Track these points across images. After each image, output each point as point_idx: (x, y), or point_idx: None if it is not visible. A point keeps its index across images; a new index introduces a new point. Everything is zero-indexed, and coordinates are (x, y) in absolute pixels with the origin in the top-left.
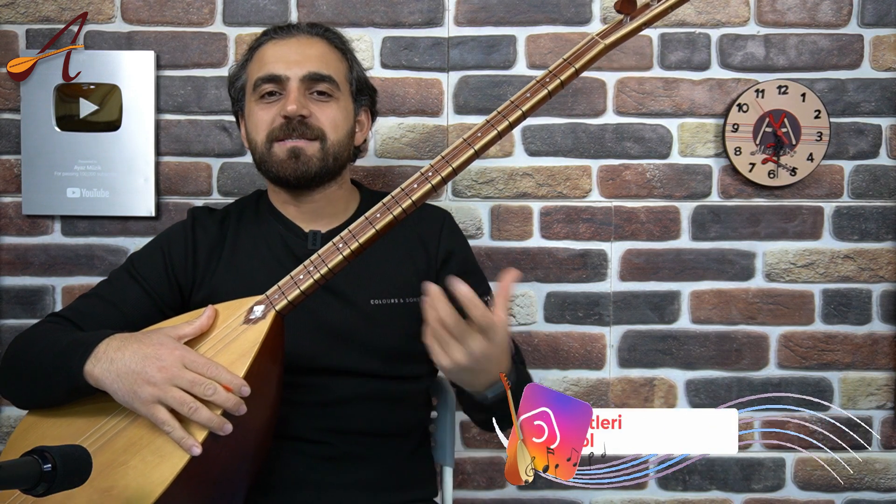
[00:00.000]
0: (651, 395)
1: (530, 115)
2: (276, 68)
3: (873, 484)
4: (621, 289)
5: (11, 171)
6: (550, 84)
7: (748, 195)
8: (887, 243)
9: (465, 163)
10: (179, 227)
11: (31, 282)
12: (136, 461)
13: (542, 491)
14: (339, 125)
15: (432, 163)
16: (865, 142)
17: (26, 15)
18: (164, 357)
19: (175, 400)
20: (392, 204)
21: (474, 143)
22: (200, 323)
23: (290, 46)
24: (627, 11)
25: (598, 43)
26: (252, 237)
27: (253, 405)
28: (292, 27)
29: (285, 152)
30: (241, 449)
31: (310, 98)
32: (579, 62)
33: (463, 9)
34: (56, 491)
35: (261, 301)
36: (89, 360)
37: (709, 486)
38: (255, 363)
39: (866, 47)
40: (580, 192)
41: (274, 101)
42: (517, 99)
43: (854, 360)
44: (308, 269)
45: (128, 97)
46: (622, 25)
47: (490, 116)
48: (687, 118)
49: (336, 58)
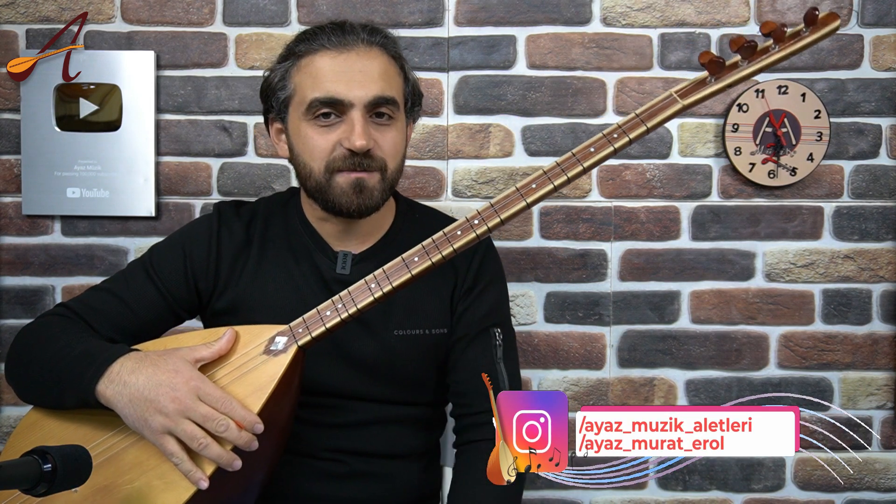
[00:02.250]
0: (651, 395)
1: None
2: (336, 90)
3: (873, 484)
4: (621, 289)
5: (11, 171)
6: (617, 141)
7: (748, 195)
8: (887, 243)
9: (515, 214)
10: (204, 226)
11: (31, 282)
12: (140, 482)
13: (542, 491)
14: (398, 150)
15: (480, 209)
16: (865, 142)
17: (26, 15)
18: (178, 387)
19: (186, 434)
20: (432, 249)
21: (527, 195)
22: (219, 347)
23: (351, 62)
24: (714, 72)
25: (675, 102)
26: (279, 249)
27: (265, 437)
28: (348, 33)
29: (350, 185)
30: (248, 480)
31: (371, 123)
32: (652, 121)
33: (463, 9)
34: (56, 491)
35: (283, 332)
36: (102, 381)
37: (709, 486)
38: (272, 399)
39: (866, 47)
40: (580, 192)
41: (333, 125)
42: (579, 152)
43: (854, 360)
44: (336, 305)
45: (128, 97)
46: (705, 85)
47: (548, 167)
48: (687, 118)
49: (396, 72)
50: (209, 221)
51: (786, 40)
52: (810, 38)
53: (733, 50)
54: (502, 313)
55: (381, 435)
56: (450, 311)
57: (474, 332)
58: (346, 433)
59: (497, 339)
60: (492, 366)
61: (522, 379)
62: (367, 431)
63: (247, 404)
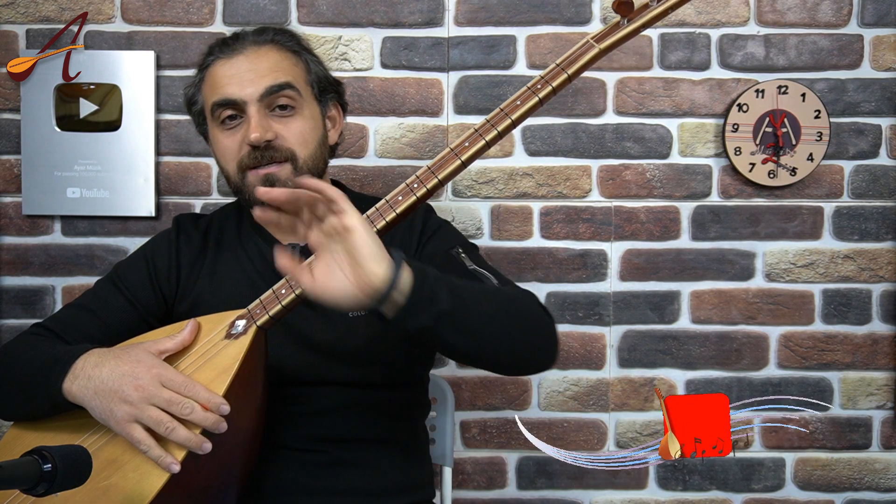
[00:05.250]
0: (651, 396)
1: (520, 124)
2: (229, 91)
3: (873, 484)
4: (621, 289)
5: (11, 171)
6: (542, 91)
7: (748, 195)
8: (887, 243)
9: (452, 174)
10: (164, 237)
11: (31, 282)
12: (116, 478)
13: (543, 491)
14: (307, 138)
15: (418, 174)
16: (865, 142)
17: (26, 15)
18: (140, 375)
19: (152, 419)
20: (376, 216)
21: (461, 153)
22: (182, 337)
23: (239, 63)
24: (625, 13)
25: (592, 47)
26: (233, 248)
27: (235, 420)
28: (238, 39)
29: (259, 181)
30: (226, 461)
31: (272, 116)
32: (572, 68)
33: (463, 9)
34: (56, 491)
35: (242, 315)
36: (67, 377)
37: (709, 486)
38: (236, 379)
39: (866, 47)
40: (580, 192)
41: (236, 126)
42: (506, 107)
43: (854, 360)
44: (290, 283)
45: (128, 97)
46: (619, 28)
47: (478, 125)
48: (687, 118)
49: (290, 63)
50: (168, 233)
51: None
52: None
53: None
54: (456, 238)
55: (353, 420)
56: None
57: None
58: (317, 420)
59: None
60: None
61: (523, 381)
62: (336, 417)
63: (212, 388)
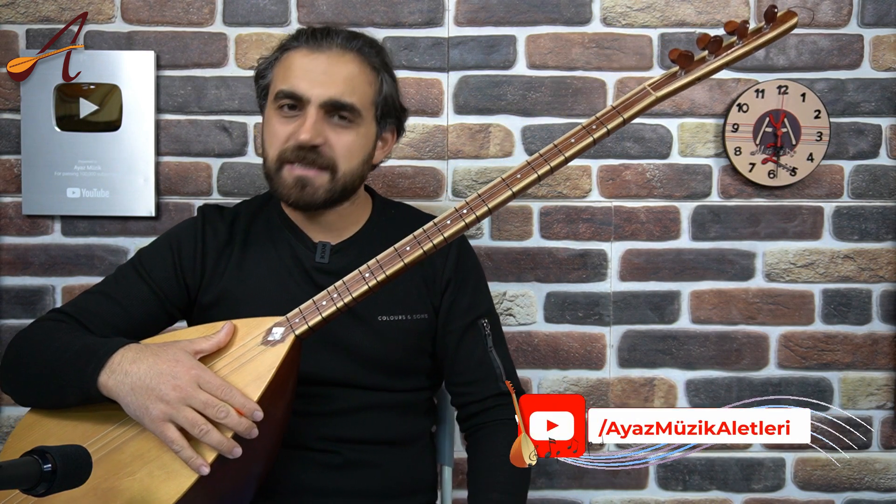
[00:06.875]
0: (651, 395)
1: (571, 161)
2: (298, 86)
3: (873, 484)
4: (621, 289)
5: (11, 171)
6: (596, 132)
7: (748, 195)
8: (887, 243)
9: (502, 203)
10: (190, 226)
11: (31, 282)
12: (142, 473)
13: (543, 491)
14: (354, 153)
15: (468, 200)
16: (865, 142)
17: (26, 15)
18: (179, 375)
19: (187, 420)
20: (423, 238)
21: (513, 184)
22: (218, 339)
23: (319, 62)
24: (683, 65)
25: (649, 94)
26: (261, 242)
27: (264, 427)
28: (328, 36)
29: (292, 179)
30: (248, 468)
31: (328, 122)
32: (628, 112)
33: (463, 9)
34: (56, 491)
35: (280, 323)
36: (104, 371)
37: (709, 486)
38: (270, 387)
39: (866, 47)
40: (580, 192)
41: (293, 117)
42: (560, 143)
43: (854, 360)
44: (331, 295)
45: (128, 97)
46: (676, 78)
47: (531, 158)
48: (687, 118)
49: (365, 80)
50: (194, 221)
51: (748, 36)
52: (770, 34)
53: (700, 47)
54: (486, 302)
55: (370, 421)
56: (427, 297)
57: (463, 326)
58: (335, 421)
59: (486, 330)
60: (485, 356)
61: (523, 380)
62: (356, 418)
63: (246, 393)
